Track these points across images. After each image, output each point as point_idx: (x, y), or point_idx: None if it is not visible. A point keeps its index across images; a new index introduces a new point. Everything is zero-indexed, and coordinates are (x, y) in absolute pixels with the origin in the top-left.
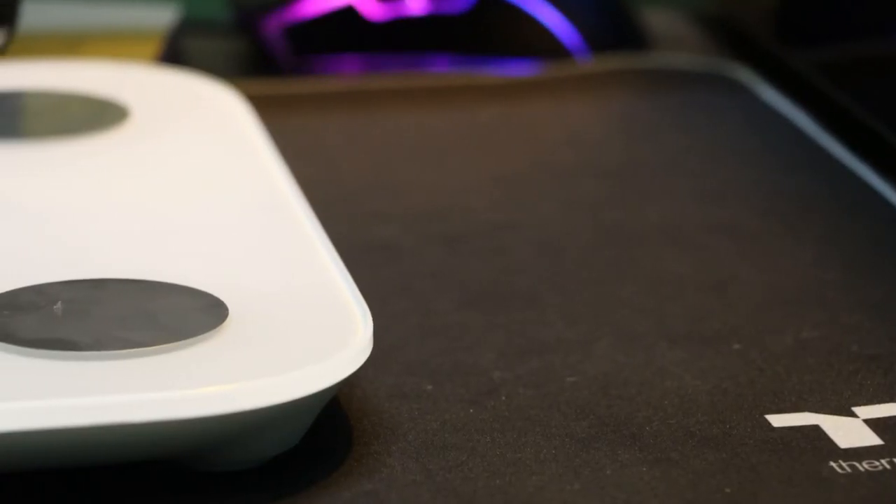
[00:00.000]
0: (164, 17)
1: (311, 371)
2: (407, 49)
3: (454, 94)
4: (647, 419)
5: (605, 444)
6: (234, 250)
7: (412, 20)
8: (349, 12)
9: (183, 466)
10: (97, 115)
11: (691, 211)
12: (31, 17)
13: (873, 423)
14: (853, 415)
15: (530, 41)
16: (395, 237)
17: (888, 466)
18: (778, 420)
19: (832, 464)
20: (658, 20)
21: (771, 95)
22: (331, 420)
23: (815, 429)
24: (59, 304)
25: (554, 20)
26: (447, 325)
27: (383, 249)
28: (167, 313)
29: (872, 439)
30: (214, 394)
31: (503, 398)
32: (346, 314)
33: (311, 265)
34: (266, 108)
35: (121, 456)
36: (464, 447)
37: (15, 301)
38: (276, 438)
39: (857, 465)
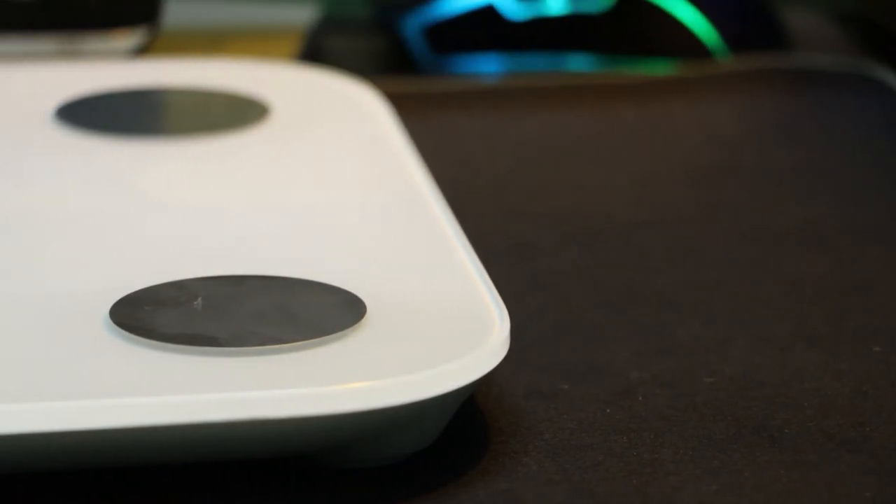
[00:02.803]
0: (304, 16)
1: (448, 369)
2: (546, 48)
3: (593, 94)
4: (786, 421)
5: (743, 445)
6: (371, 248)
7: (552, 19)
8: (489, 11)
9: (319, 463)
10: (239, 112)
11: (831, 212)
12: (174, 15)
13: None
14: None
15: (670, 40)
16: (532, 236)
17: None
18: None
19: None
20: (798, 19)
21: None
22: (467, 418)
23: None
24: (198, 300)
25: (694, 19)
26: (584, 323)
27: (520, 248)
28: (305, 310)
29: None
30: (352, 391)
31: (640, 398)
32: (482, 312)
33: (449, 263)
34: (404, 107)
35: (259, 452)
36: (600, 447)
37: (156, 296)
38: (413, 436)
39: None
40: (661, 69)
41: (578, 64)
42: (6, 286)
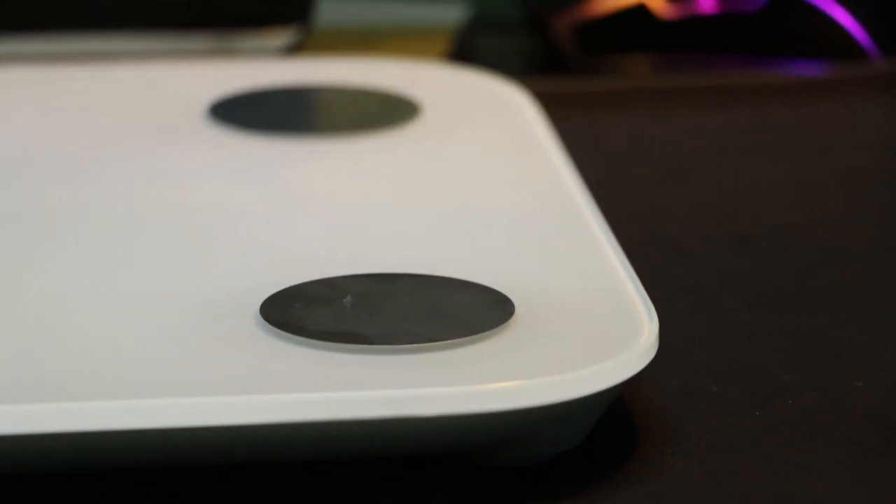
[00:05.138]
0: (454, 15)
1: (597, 369)
2: (698, 48)
3: (744, 94)
4: None
5: (893, 451)
6: (521, 247)
7: (703, 18)
8: (640, 10)
9: (466, 462)
10: (389, 111)
11: None
12: (326, 14)
13: None
14: None
15: (824, 41)
16: (682, 236)
17: None
18: None
19: None
20: None
21: None
22: (615, 419)
23: None
24: (348, 298)
25: (848, 20)
26: (734, 325)
27: (670, 248)
28: (455, 309)
29: None
30: (502, 390)
31: (789, 401)
32: (631, 313)
33: (598, 263)
34: (554, 106)
35: (408, 449)
36: (749, 450)
37: (306, 293)
38: (560, 436)
39: None
40: (813, 70)
41: (730, 64)
42: (159, 283)
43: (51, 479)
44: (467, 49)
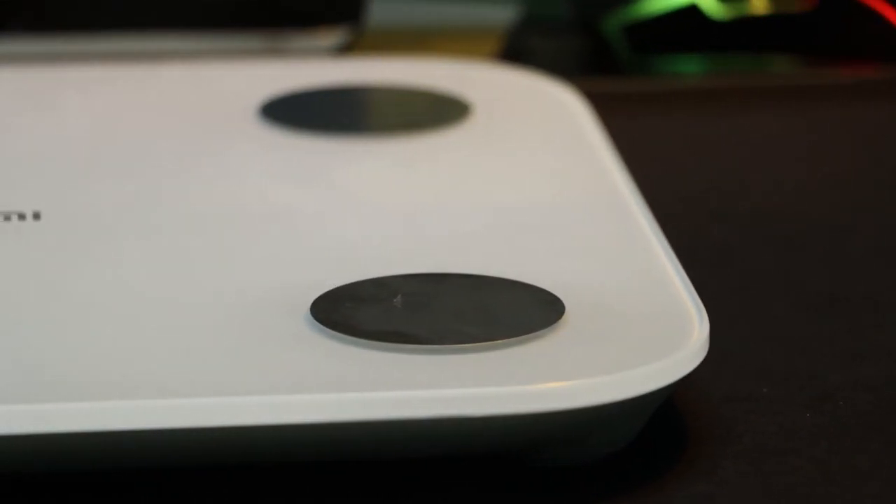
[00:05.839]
0: (505, 15)
1: (647, 370)
2: (749, 48)
3: (796, 95)
4: None
5: None
6: (571, 247)
7: (755, 19)
8: (692, 10)
9: (515, 462)
10: (440, 111)
11: None
12: (377, 14)
13: None
14: None
15: (876, 41)
16: (732, 238)
17: None
18: None
19: None
20: None
21: None
22: (665, 420)
23: None
24: (398, 297)
25: None
26: (783, 326)
27: (720, 250)
28: (505, 309)
29: None
30: (553, 390)
31: (840, 403)
32: (682, 314)
33: (648, 264)
34: (605, 107)
35: (456, 449)
36: (800, 452)
37: (356, 293)
38: (610, 436)
39: None
40: (866, 71)
41: (781, 64)
42: (210, 282)
43: (91, 476)
44: (518, 49)
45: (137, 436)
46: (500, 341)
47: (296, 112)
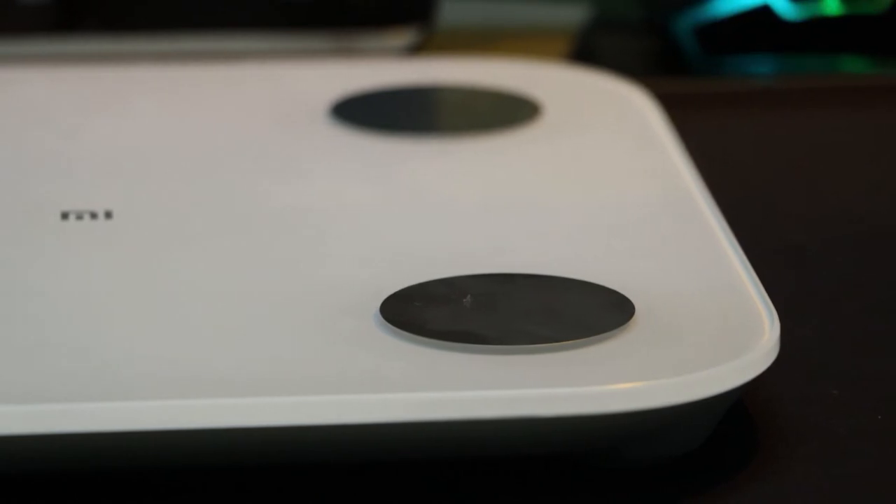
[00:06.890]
0: (576, 15)
1: (718, 371)
2: (821, 49)
3: (868, 96)
4: None
5: None
6: (640, 248)
7: (828, 20)
8: (764, 11)
9: (584, 462)
10: (510, 112)
11: None
12: (447, 14)
13: None
14: None
15: None
16: (802, 238)
17: None
18: None
19: None
20: None
21: None
22: (735, 422)
23: None
24: (468, 298)
25: None
26: (854, 329)
27: (790, 251)
28: (574, 309)
29: None
30: (623, 391)
31: None
32: (753, 315)
33: (718, 265)
34: (675, 108)
35: (524, 450)
36: (871, 455)
37: (426, 293)
38: (681, 438)
39: None
40: None
41: (854, 66)
42: (280, 281)
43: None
44: (588, 50)
45: (216, 434)
46: (568, 342)
47: (366, 112)
